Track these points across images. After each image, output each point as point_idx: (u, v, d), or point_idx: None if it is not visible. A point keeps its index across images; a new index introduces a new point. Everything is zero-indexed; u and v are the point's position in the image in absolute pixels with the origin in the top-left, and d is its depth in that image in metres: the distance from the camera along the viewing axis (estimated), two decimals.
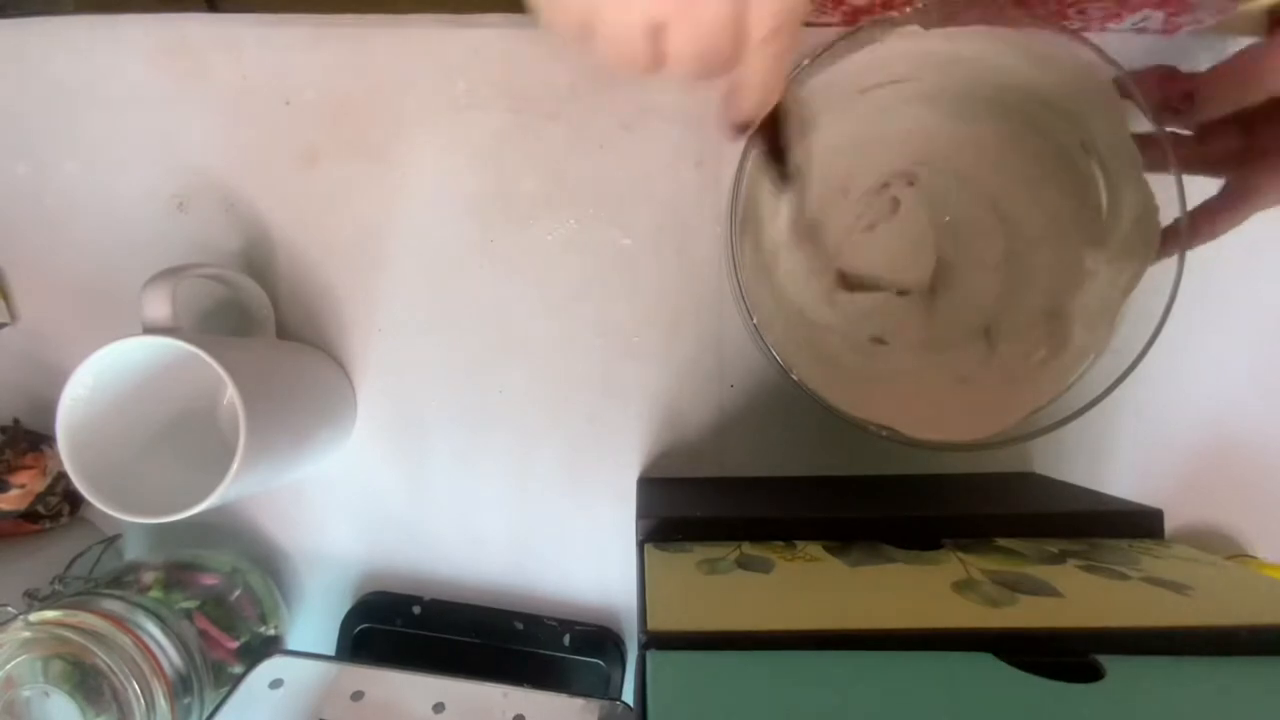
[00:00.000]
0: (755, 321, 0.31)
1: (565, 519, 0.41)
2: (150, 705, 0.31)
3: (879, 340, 0.37)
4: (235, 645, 0.37)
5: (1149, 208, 0.32)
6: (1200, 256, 0.30)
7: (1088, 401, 0.31)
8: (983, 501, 0.35)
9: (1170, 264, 0.31)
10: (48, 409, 0.32)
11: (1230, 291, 0.38)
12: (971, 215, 0.36)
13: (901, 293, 0.37)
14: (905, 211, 0.37)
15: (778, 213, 0.35)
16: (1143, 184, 0.32)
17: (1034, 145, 0.34)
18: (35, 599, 0.35)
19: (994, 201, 0.36)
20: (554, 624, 0.40)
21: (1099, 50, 0.29)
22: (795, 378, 0.31)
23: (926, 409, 0.35)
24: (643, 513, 0.32)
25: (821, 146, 0.35)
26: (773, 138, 0.29)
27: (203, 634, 0.35)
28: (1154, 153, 0.29)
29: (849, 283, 0.37)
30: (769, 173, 0.31)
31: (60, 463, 0.32)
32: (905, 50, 0.33)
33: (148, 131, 0.41)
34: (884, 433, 0.32)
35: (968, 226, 0.37)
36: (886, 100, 0.35)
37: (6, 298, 0.42)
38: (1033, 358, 0.35)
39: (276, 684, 0.31)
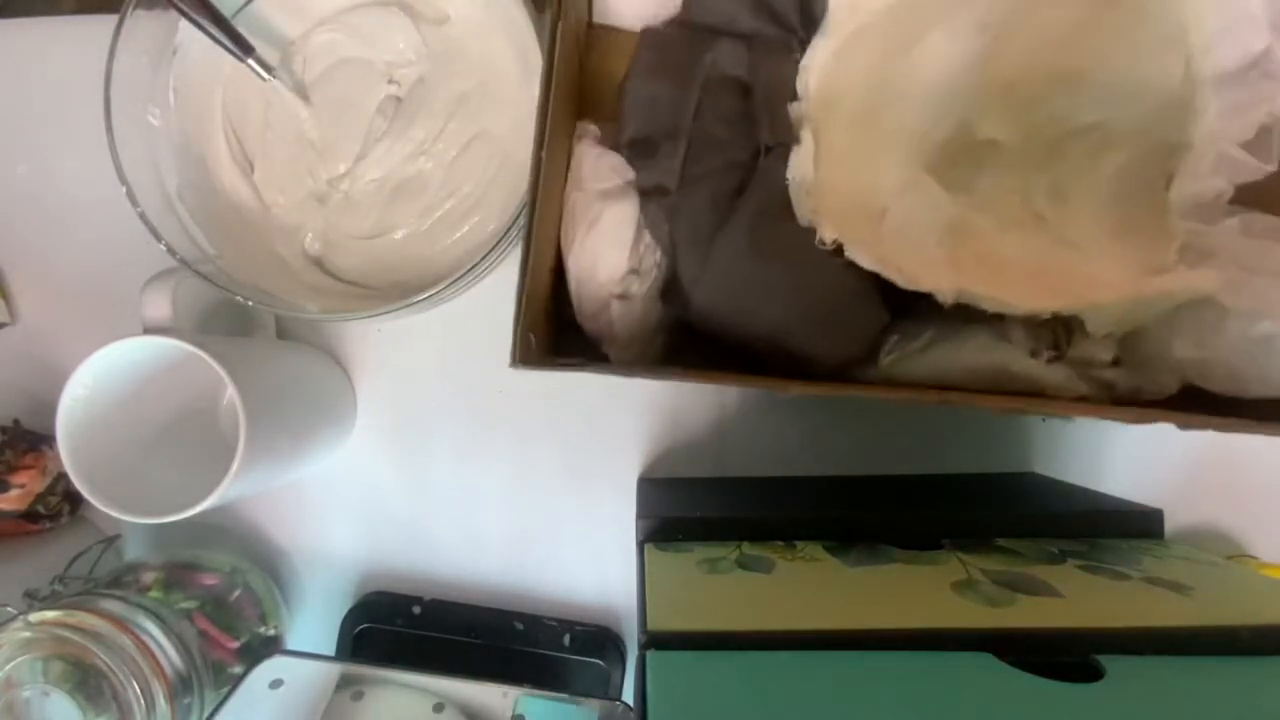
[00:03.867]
0: None
1: (565, 519, 0.41)
2: (150, 705, 0.31)
3: None
4: (235, 645, 0.37)
5: None
6: None
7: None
8: (983, 501, 0.35)
9: None
10: (48, 409, 0.32)
11: None
12: None
13: None
14: None
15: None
16: None
17: None
18: (35, 599, 0.35)
19: None
20: (554, 624, 0.40)
21: None
22: None
23: None
24: (643, 513, 0.32)
25: None
26: None
27: (203, 634, 0.35)
28: None
29: None
30: None
31: (60, 463, 0.32)
32: None
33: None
34: None
35: None
36: None
37: (6, 298, 0.42)
38: None
39: (276, 684, 0.31)
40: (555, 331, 0.32)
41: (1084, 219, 0.30)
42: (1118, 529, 0.30)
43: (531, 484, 0.41)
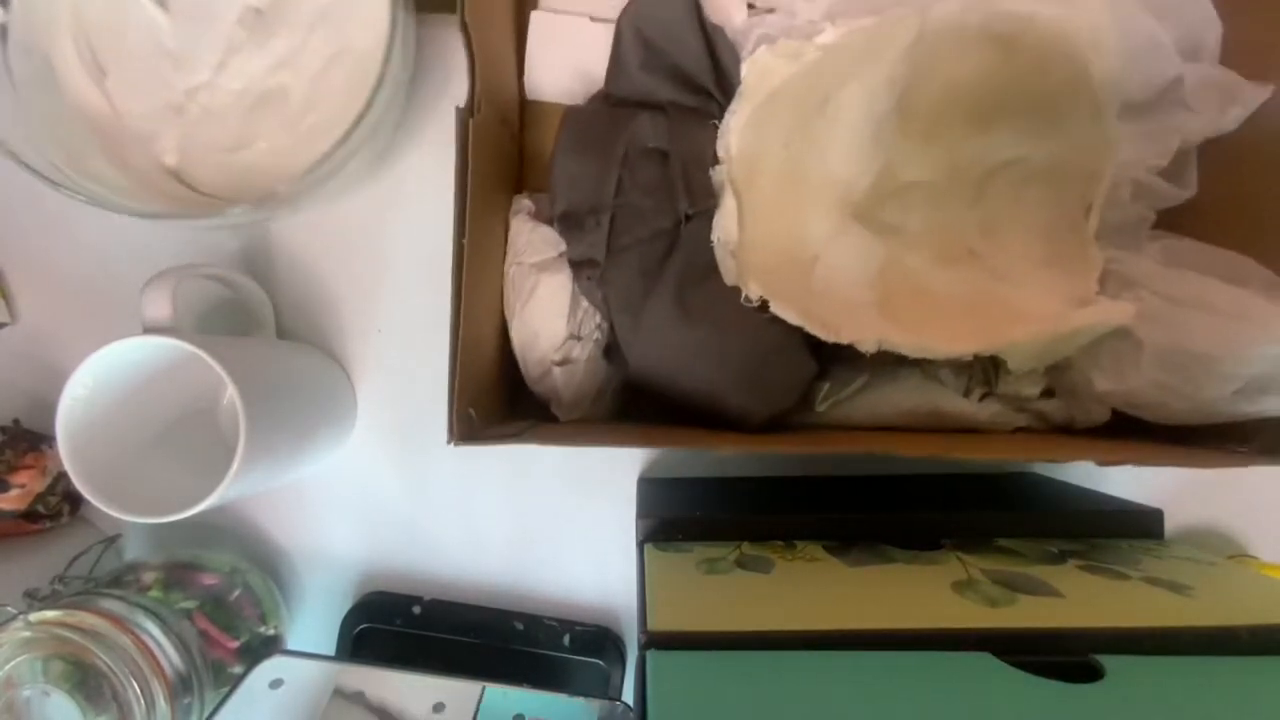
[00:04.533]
0: None
1: (565, 519, 0.41)
2: (150, 705, 0.31)
3: None
4: (235, 645, 0.37)
5: None
6: None
7: None
8: (983, 501, 0.35)
9: None
10: (48, 409, 0.32)
11: None
12: None
13: None
14: None
15: None
16: None
17: None
18: (35, 599, 0.35)
19: None
20: (554, 624, 0.40)
21: None
22: None
23: None
24: (643, 513, 0.32)
25: None
26: None
27: (203, 634, 0.35)
28: None
29: None
30: None
31: (60, 463, 0.32)
32: None
33: None
34: None
35: None
36: None
37: (6, 298, 0.42)
38: None
39: (276, 684, 0.31)
40: (508, 392, 0.33)
41: (1014, 251, 0.30)
42: (1118, 529, 0.30)
43: (531, 484, 0.41)
